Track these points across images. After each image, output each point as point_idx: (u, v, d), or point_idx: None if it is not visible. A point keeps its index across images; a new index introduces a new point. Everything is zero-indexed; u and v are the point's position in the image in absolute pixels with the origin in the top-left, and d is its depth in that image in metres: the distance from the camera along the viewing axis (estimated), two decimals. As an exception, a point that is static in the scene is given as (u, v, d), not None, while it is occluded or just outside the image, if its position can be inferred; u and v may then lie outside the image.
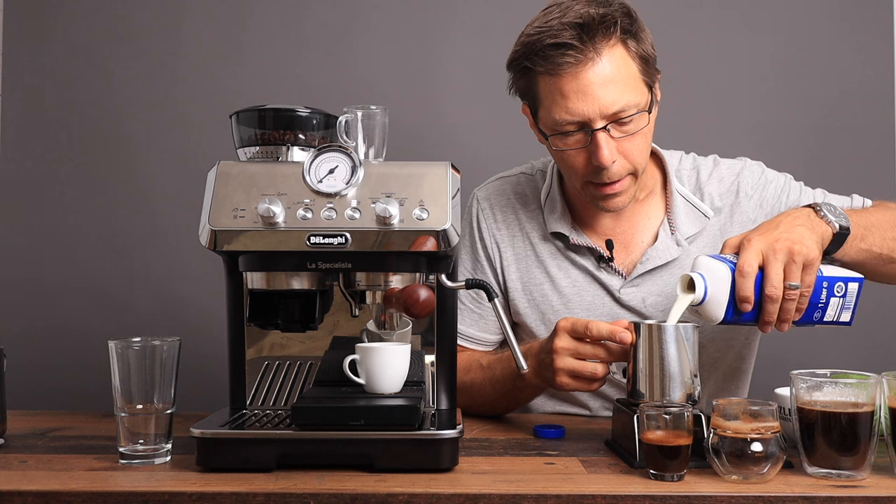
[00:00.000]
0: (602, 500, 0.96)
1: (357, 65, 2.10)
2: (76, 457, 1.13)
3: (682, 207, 1.50)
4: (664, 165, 1.53)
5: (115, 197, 2.11)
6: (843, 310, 1.23)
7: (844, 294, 1.22)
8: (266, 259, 1.13)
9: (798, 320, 1.19)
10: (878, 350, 2.06)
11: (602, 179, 1.36)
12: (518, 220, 1.55)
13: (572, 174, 1.40)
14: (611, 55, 1.31)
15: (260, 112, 1.20)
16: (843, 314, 1.23)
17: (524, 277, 1.54)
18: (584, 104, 1.30)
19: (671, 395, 1.13)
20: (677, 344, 1.13)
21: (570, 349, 1.23)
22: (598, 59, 1.30)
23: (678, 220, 1.49)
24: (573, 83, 1.30)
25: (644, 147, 1.38)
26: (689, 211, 1.50)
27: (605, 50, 1.30)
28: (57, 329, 2.09)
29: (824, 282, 1.20)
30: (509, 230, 1.56)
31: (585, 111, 1.31)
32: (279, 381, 1.27)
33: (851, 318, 1.24)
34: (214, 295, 1.36)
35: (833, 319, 1.23)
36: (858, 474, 1.02)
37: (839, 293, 1.21)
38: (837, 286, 1.21)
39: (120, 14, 2.12)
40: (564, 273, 1.52)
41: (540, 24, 1.33)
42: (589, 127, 1.32)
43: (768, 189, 1.53)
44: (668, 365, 1.13)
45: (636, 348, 1.16)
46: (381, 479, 1.01)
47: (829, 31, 2.13)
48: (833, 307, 1.22)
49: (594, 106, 1.30)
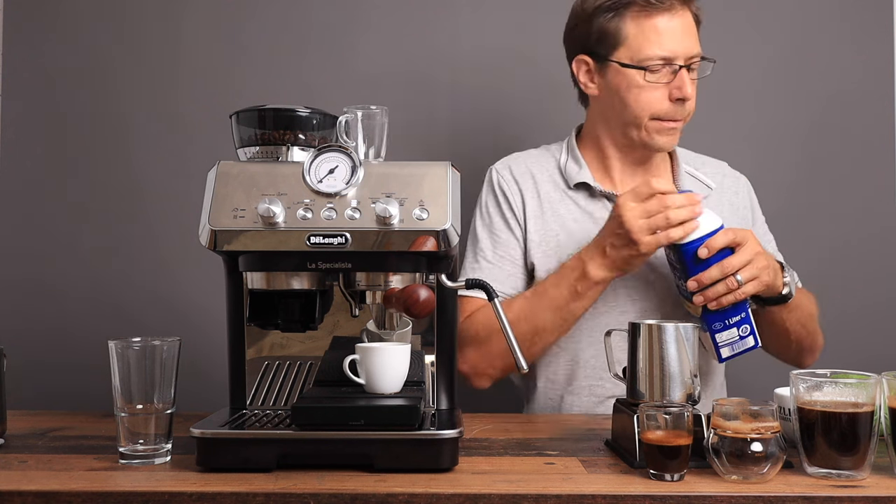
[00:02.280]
0: (602, 500, 0.96)
1: (357, 65, 2.10)
2: (76, 457, 1.13)
3: (688, 181, 1.65)
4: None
5: (114, 197, 2.11)
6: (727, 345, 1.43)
7: (741, 337, 1.42)
8: (266, 259, 1.13)
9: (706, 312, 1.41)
10: (878, 350, 2.06)
11: (673, 115, 1.53)
12: (534, 181, 1.65)
13: (642, 110, 1.53)
14: (690, 12, 1.53)
15: (260, 112, 1.20)
16: (724, 349, 1.43)
17: (541, 231, 1.61)
18: (674, 43, 1.50)
19: (671, 395, 1.13)
20: (677, 344, 1.13)
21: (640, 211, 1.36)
22: (685, 11, 1.52)
23: (685, 184, 1.64)
24: (668, 21, 1.50)
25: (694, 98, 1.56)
26: (694, 183, 1.65)
27: (688, 7, 1.53)
28: (57, 329, 2.09)
29: (743, 313, 1.41)
30: (528, 189, 1.64)
31: (676, 49, 1.50)
32: (279, 381, 1.27)
33: (720, 358, 1.44)
34: (214, 295, 1.36)
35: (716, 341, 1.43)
36: (858, 474, 1.02)
37: (743, 333, 1.42)
38: (743, 327, 1.42)
39: (120, 14, 2.11)
40: (580, 226, 1.59)
41: None
42: (675, 64, 1.50)
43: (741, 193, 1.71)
44: (668, 365, 1.13)
45: (636, 348, 1.16)
46: (381, 479, 1.01)
47: (829, 31, 2.12)
48: (729, 333, 1.42)
49: (682, 45, 1.50)
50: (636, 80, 1.51)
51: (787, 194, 2.09)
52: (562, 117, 1.93)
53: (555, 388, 1.61)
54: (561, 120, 1.94)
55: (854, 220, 2.11)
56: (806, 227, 2.08)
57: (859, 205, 2.12)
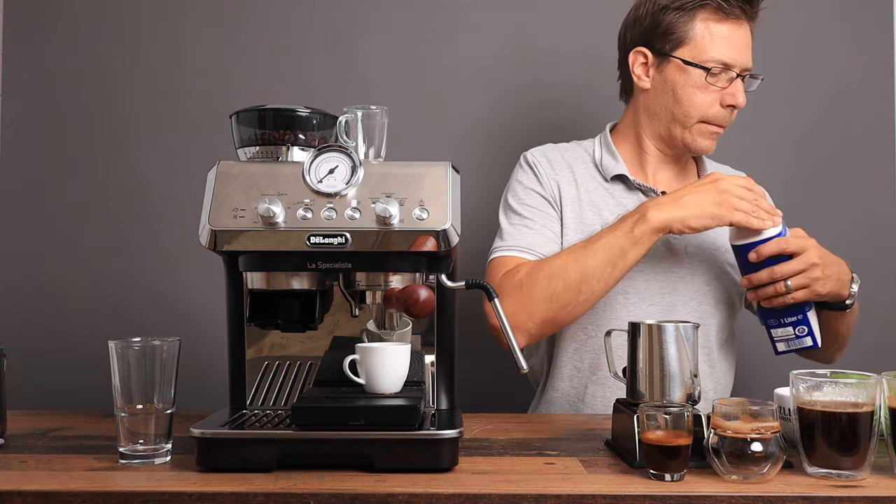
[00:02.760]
0: (602, 500, 0.96)
1: (357, 65, 2.10)
2: (76, 457, 1.13)
3: None
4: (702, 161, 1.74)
5: (114, 197, 2.11)
6: (782, 341, 1.47)
7: (798, 336, 1.46)
8: (266, 259, 1.13)
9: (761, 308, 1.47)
10: (878, 350, 2.06)
11: (721, 121, 1.58)
12: (572, 170, 1.66)
13: (693, 109, 1.57)
14: (750, 28, 1.59)
15: (260, 112, 1.20)
16: (779, 344, 1.47)
17: (577, 218, 1.61)
18: (737, 52, 1.55)
19: (671, 395, 1.13)
20: (677, 344, 1.13)
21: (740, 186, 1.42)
22: (750, 24, 1.58)
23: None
24: (737, 31, 1.55)
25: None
26: None
27: (751, 22, 1.59)
28: (57, 329, 2.09)
29: (801, 314, 1.45)
30: (565, 176, 1.65)
31: (737, 59, 1.55)
32: (279, 381, 1.27)
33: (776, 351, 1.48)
34: (214, 295, 1.36)
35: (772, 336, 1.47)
36: (858, 474, 1.02)
37: (800, 333, 1.45)
38: (801, 328, 1.45)
39: (120, 14, 2.11)
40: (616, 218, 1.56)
41: None
42: (733, 71, 1.55)
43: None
44: (668, 365, 1.13)
45: (636, 347, 1.16)
46: (381, 479, 1.01)
47: (829, 31, 2.13)
48: (785, 331, 1.46)
49: (743, 56, 1.56)
50: (695, 79, 1.56)
51: (787, 194, 2.08)
52: (562, 116, 1.93)
53: (580, 377, 1.60)
54: (561, 119, 1.95)
55: (854, 220, 2.11)
56: (805, 226, 2.07)
57: (859, 205, 2.12)
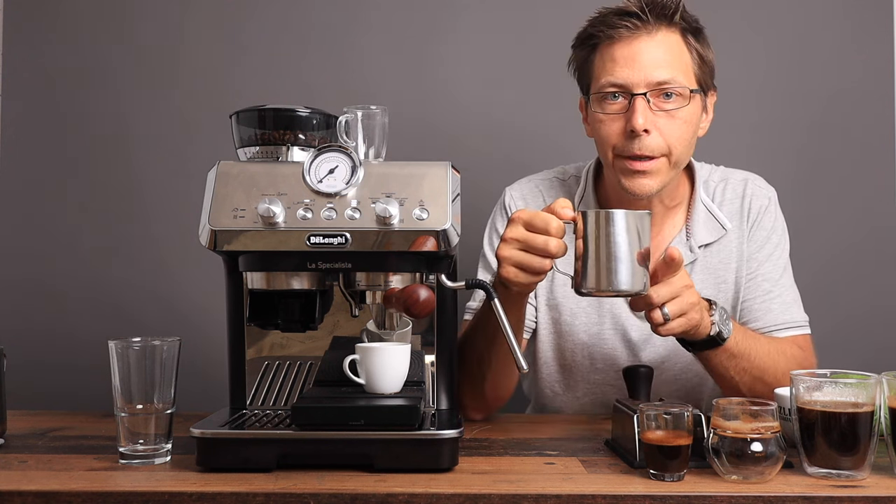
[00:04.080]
0: (602, 500, 0.96)
1: (357, 65, 2.10)
2: (76, 457, 1.13)
3: (703, 217, 1.52)
4: (694, 177, 1.53)
5: (115, 197, 2.11)
6: None
7: None
8: (266, 259, 1.13)
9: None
10: (878, 350, 2.06)
11: (633, 150, 1.37)
12: None
13: (606, 146, 1.41)
14: (667, 36, 1.38)
15: (260, 112, 1.20)
16: None
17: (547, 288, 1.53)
18: (629, 69, 1.36)
19: (617, 284, 1.09)
20: (627, 231, 1.09)
21: (521, 240, 1.16)
22: (654, 35, 1.37)
23: (696, 227, 1.51)
24: (625, 49, 1.37)
25: (684, 134, 1.39)
26: (709, 221, 1.52)
27: (664, 29, 1.38)
28: (57, 329, 2.09)
29: None
30: None
31: (630, 76, 1.36)
32: (279, 381, 1.27)
33: None
34: (214, 295, 1.36)
35: None
36: (858, 474, 1.02)
37: None
38: None
39: (120, 14, 2.11)
40: None
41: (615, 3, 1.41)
42: (631, 92, 1.36)
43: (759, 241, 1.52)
44: (615, 250, 1.09)
45: (585, 238, 1.12)
46: (381, 479, 1.01)
47: (829, 31, 2.12)
48: None
49: (640, 72, 1.36)
50: (596, 108, 1.41)
51: (787, 194, 2.08)
52: (561, 119, 1.93)
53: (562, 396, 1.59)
54: (560, 121, 1.95)
55: (854, 220, 2.11)
56: (806, 226, 2.08)
57: (859, 205, 2.12)
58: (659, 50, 1.37)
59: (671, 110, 1.37)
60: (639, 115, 1.34)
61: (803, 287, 1.58)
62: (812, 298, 1.69)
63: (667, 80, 1.36)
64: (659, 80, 1.36)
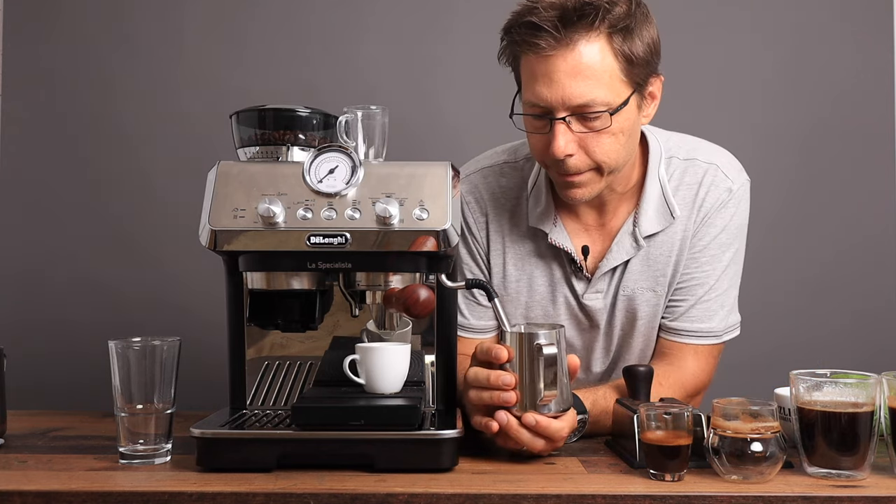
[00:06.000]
0: (602, 500, 0.96)
1: (357, 65, 2.10)
2: (76, 457, 1.13)
3: (655, 202, 1.42)
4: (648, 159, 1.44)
5: (115, 197, 2.11)
6: None
7: None
8: (266, 259, 1.13)
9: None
10: (878, 350, 2.06)
11: (560, 169, 1.31)
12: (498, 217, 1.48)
13: (536, 155, 1.36)
14: (588, 47, 1.25)
15: (260, 112, 1.20)
16: None
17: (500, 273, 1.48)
18: (548, 91, 1.26)
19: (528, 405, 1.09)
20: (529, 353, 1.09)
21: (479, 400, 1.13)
22: (573, 49, 1.25)
23: (644, 216, 1.42)
24: (543, 67, 1.26)
25: (613, 146, 1.30)
26: (661, 206, 1.43)
27: (583, 41, 1.25)
28: (57, 329, 2.09)
29: None
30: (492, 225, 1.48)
31: (549, 98, 1.26)
32: (279, 381, 1.27)
33: None
34: (214, 295, 1.36)
35: None
36: (858, 474, 1.02)
37: None
38: None
39: (120, 14, 2.12)
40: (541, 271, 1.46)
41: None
42: (551, 115, 1.27)
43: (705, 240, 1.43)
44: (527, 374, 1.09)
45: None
46: (381, 479, 1.01)
47: (829, 31, 2.13)
48: None
49: (558, 95, 1.25)
50: (524, 123, 1.33)
51: (787, 194, 2.09)
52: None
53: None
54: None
55: (854, 220, 2.11)
56: (806, 226, 2.08)
57: (859, 205, 2.12)
58: (578, 66, 1.25)
59: (596, 131, 1.28)
60: (559, 141, 1.27)
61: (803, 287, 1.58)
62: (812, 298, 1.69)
63: (586, 104, 1.25)
64: (579, 103, 1.25)
